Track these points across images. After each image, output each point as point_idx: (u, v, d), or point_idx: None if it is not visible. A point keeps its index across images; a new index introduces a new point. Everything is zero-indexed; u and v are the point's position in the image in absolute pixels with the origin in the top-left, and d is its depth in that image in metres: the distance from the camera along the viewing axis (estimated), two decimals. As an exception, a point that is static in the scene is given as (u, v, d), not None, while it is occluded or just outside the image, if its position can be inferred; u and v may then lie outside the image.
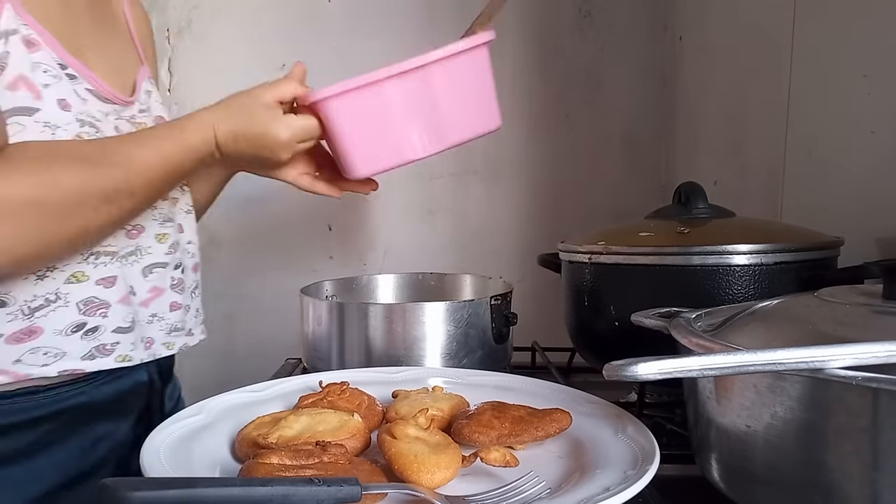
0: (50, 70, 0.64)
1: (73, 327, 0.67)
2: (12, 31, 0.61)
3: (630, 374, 0.40)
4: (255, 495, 0.42)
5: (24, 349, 0.65)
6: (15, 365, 0.64)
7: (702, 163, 1.25)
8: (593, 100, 1.40)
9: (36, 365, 0.65)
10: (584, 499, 0.45)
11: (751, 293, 0.69)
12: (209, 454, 0.55)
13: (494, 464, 0.50)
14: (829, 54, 0.87)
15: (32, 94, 0.63)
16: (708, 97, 1.22)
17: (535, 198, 1.42)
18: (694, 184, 0.82)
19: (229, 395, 0.67)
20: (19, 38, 0.62)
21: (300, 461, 0.49)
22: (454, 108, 0.75)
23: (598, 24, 1.39)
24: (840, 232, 0.76)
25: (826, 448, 0.41)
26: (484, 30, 0.77)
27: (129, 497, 0.39)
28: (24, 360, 0.65)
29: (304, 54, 1.36)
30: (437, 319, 0.84)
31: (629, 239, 0.77)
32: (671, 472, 0.57)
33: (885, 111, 0.77)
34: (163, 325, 0.77)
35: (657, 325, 0.59)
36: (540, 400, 0.64)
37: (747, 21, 1.07)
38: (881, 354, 0.38)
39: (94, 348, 0.69)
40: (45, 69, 0.64)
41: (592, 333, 0.83)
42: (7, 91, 0.61)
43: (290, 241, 1.41)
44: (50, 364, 0.66)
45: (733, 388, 0.47)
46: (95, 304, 0.68)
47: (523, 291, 1.13)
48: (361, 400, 0.65)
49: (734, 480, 0.49)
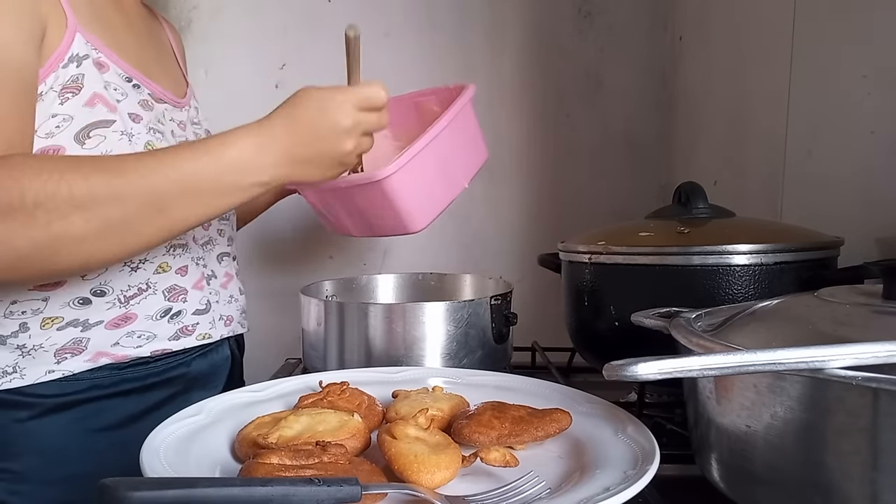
0: (119, 88, 0.72)
1: (161, 312, 0.77)
2: (84, 56, 0.69)
3: (630, 374, 0.40)
4: (255, 495, 0.42)
5: (121, 333, 0.74)
6: (113, 347, 0.74)
7: (702, 163, 1.25)
8: (593, 100, 1.40)
9: (131, 347, 0.75)
10: (584, 499, 0.45)
11: (751, 293, 0.69)
12: (209, 454, 0.55)
13: (494, 464, 0.50)
14: (829, 54, 0.87)
15: (108, 108, 0.70)
16: (708, 97, 1.22)
17: (535, 198, 1.42)
18: (694, 184, 0.82)
19: (229, 395, 0.67)
20: (91, 62, 0.69)
21: (300, 461, 0.49)
22: (461, 154, 0.84)
23: (598, 24, 1.39)
24: (840, 232, 0.76)
25: (826, 448, 0.41)
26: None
27: (129, 497, 0.39)
28: (122, 343, 0.74)
29: (304, 54, 1.37)
30: (437, 319, 0.84)
31: (629, 239, 0.77)
32: (671, 472, 0.57)
33: (884, 111, 0.77)
34: (238, 305, 0.90)
35: (657, 325, 0.59)
36: (540, 400, 0.64)
37: (747, 21, 1.07)
38: (881, 354, 0.38)
39: (179, 329, 0.79)
40: (115, 87, 0.72)
41: (592, 333, 0.83)
42: (86, 107, 0.69)
43: (290, 241, 1.41)
44: (143, 346, 0.76)
45: (733, 388, 0.47)
46: (177, 290, 0.79)
47: (523, 291, 1.13)
48: (361, 400, 0.65)
49: (734, 480, 0.49)
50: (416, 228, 0.80)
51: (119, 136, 0.70)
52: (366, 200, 0.77)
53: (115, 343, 0.74)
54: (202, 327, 0.82)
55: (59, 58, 0.67)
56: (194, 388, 0.83)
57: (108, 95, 0.70)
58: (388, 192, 0.74)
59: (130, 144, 0.71)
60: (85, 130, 0.68)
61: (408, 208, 0.77)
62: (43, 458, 0.71)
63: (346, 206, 0.82)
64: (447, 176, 0.82)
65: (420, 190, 0.78)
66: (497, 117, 1.39)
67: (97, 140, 0.69)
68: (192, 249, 0.81)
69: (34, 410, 0.71)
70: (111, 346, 0.74)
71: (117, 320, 0.74)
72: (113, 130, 0.70)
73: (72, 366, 0.72)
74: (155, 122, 0.76)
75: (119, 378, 0.75)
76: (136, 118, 0.73)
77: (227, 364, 0.89)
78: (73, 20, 0.68)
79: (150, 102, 0.77)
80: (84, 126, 0.68)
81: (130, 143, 0.71)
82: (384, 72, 1.41)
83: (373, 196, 0.75)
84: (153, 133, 0.75)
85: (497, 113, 1.39)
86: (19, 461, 0.70)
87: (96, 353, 0.73)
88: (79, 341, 0.72)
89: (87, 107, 0.68)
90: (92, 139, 0.68)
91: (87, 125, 0.68)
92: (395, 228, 0.80)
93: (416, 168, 0.75)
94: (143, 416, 0.76)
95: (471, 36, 1.34)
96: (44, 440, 0.71)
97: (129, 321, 0.74)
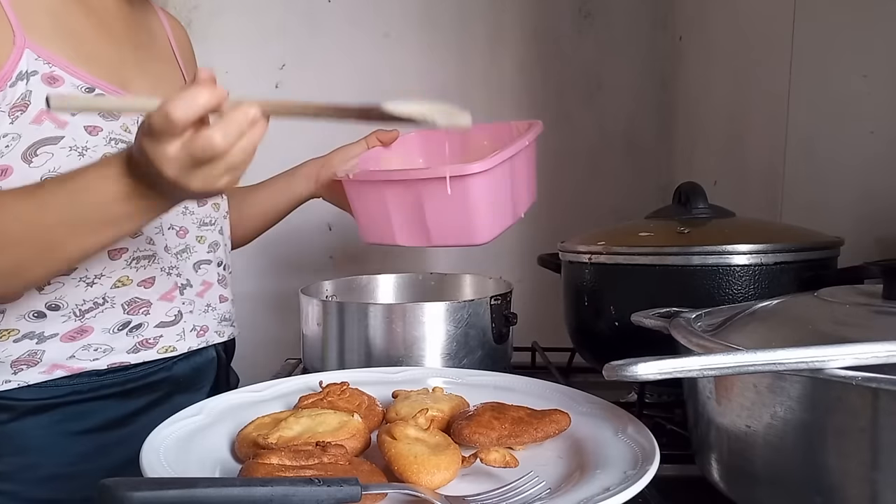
0: None
1: (119, 325, 0.75)
2: (32, 73, 0.68)
3: (630, 374, 0.40)
4: (255, 495, 0.42)
5: (77, 346, 0.73)
6: (69, 360, 0.73)
7: (702, 163, 1.25)
8: (593, 100, 1.40)
9: (87, 360, 0.73)
10: (584, 499, 0.45)
11: (751, 293, 0.69)
12: (209, 454, 0.55)
13: (494, 465, 0.50)
14: (829, 54, 0.87)
15: (56, 124, 0.69)
16: (708, 97, 1.22)
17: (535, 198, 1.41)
18: (694, 184, 0.82)
19: (229, 395, 0.67)
20: (39, 78, 0.68)
21: (300, 461, 0.49)
22: (524, 182, 0.85)
23: (598, 24, 1.39)
24: (840, 232, 0.76)
25: (826, 448, 0.41)
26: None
27: (129, 497, 0.39)
28: (77, 356, 0.73)
29: (304, 54, 1.37)
30: (437, 319, 0.84)
31: (629, 239, 0.77)
32: (671, 472, 0.56)
33: (884, 111, 0.77)
34: (216, 314, 0.87)
35: (657, 325, 0.59)
36: (540, 400, 0.64)
37: (747, 21, 1.07)
38: (881, 354, 0.38)
39: (138, 343, 0.77)
40: None
41: (592, 333, 0.83)
42: (33, 125, 0.68)
43: (290, 241, 1.41)
44: (100, 359, 0.74)
45: (733, 388, 0.47)
46: (139, 303, 0.77)
47: (523, 291, 1.13)
48: (361, 400, 0.65)
49: (734, 480, 0.49)
50: (481, 240, 0.79)
51: (68, 151, 0.69)
52: (439, 199, 0.74)
53: (71, 356, 0.73)
54: (166, 340, 0.79)
55: (7, 76, 0.66)
56: (177, 391, 0.81)
57: (59, 112, 0.69)
58: (472, 190, 0.72)
59: (82, 159, 0.69)
60: (32, 148, 0.68)
61: (482, 214, 0.75)
62: (25, 458, 0.71)
63: (407, 205, 0.78)
64: (514, 198, 0.81)
65: (496, 200, 0.77)
66: (497, 117, 1.39)
67: (45, 157, 0.68)
68: (160, 260, 0.79)
69: (13, 413, 0.71)
70: (66, 358, 0.73)
71: (72, 333, 0.73)
72: (61, 147, 0.69)
73: (27, 377, 0.71)
74: (121, 132, 0.74)
75: (98, 384, 0.74)
76: (93, 130, 0.71)
77: (212, 367, 0.87)
78: (21, 37, 0.67)
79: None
80: (31, 144, 0.68)
81: (83, 157, 0.70)
82: (384, 72, 1.41)
83: (453, 194, 0.73)
84: (115, 144, 0.72)
85: (497, 113, 1.39)
86: (4, 461, 0.71)
87: (51, 365, 0.72)
88: (34, 353, 0.71)
89: (34, 124, 0.68)
90: (39, 157, 0.68)
91: (33, 143, 0.68)
92: (458, 237, 0.78)
93: (499, 176, 0.74)
94: (126, 420, 0.76)
95: (471, 36, 1.34)
96: (25, 441, 0.71)
97: (84, 334, 0.73)
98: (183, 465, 0.51)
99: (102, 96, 0.72)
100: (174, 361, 0.81)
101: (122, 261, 0.75)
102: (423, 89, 1.37)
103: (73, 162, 0.69)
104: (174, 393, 0.81)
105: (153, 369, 0.79)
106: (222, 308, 0.89)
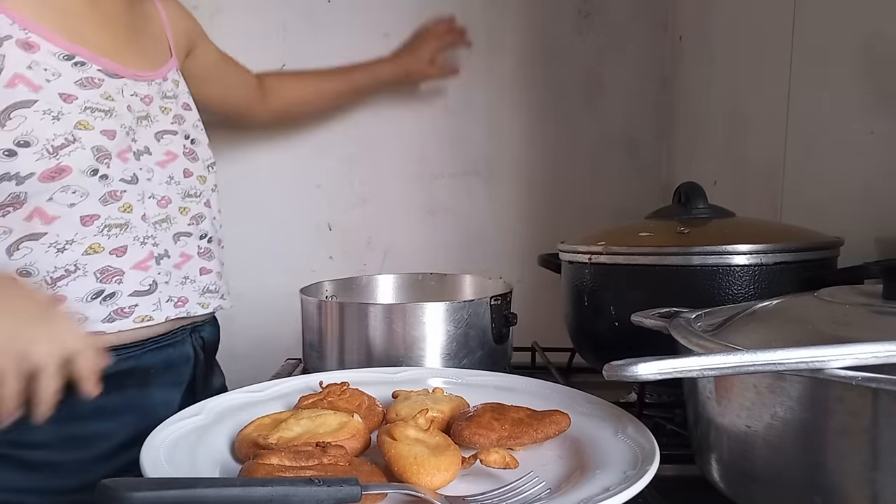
0: (51, 67, 0.72)
1: (93, 294, 0.75)
2: (6, 37, 0.69)
3: (630, 374, 0.40)
4: (255, 495, 0.42)
5: None
6: None
7: (702, 163, 1.25)
8: (593, 100, 1.40)
9: None
10: (584, 499, 0.45)
11: (751, 293, 0.69)
12: (209, 454, 0.55)
13: (494, 466, 0.50)
14: (829, 54, 0.87)
15: (29, 87, 0.70)
16: (708, 97, 1.22)
17: (535, 198, 1.42)
18: (694, 184, 0.82)
19: (229, 396, 0.67)
20: (13, 42, 0.70)
21: (300, 462, 0.49)
22: None
23: (598, 24, 1.39)
24: (840, 232, 0.76)
25: (826, 448, 0.41)
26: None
27: (129, 497, 0.39)
28: None
29: (304, 54, 1.37)
30: (437, 320, 0.84)
31: (629, 239, 0.77)
32: (671, 472, 0.57)
33: (885, 111, 0.77)
34: (195, 286, 0.87)
35: (657, 325, 0.59)
36: (540, 400, 0.64)
37: (747, 21, 1.07)
38: (881, 354, 0.38)
39: (113, 311, 0.76)
40: (45, 67, 0.71)
41: (592, 333, 0.83)
42: (6, 88, 0.69)
43: (290, 241, 1.41)
44: None
45: (733, 388, 0.47)
46: (111, 272, 0.76)
47: (523, 291, 1.13)
48: (361, 400, 0.65)
49: (734, 480, 0.49)
50: None
51: (41, 115, 0.70)
52: None
53: None
54: (142, 309, 0.78)
55: None
56: (151, 384, 0.80)
57: (33, 76, 0.70)
58: None
59: (56, 124, 0.70)
60: (5, 112, 0.68)
61: None
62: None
63: None
64: None
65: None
66: (497, 117, 1.39)
67: (18, 121, 0.69)
68: (133, 229, 0.78)
69: None
70: None
71: None
72: (34, 110, 0.70)
73: None
74: (98, 100, 0.75)
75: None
76: (67, 98, 0.72)
77: (188, 364, 0.87)
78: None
79: (96, 80, 0.76)
80: (4, 108, 0.68)
81: (56, 122, 0.70)
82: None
83: None
84: (90, 112, 0.74)
85: (497, 113, 1.39)
86: None
87: None
88: None
89: (8, 88, 0.69)
90: (13, 120, 0.69)
91: (7, 106, 0.69)
92: None
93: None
94: (93, 414, 0.74)
95: (471, 36, 1.34)
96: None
97: (58, 303, 0.72)
98: (183, 466, 0.51)
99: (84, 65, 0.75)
100: (143, 351, 0.80)
101: (93, 227, 0.75)
102: (422, 89, 1.38)
103: (46, 126, 0.70)
104: (146, 386, 0.79)
105: (123, 356, 0.77)
106: (204, 280, 0.88)
